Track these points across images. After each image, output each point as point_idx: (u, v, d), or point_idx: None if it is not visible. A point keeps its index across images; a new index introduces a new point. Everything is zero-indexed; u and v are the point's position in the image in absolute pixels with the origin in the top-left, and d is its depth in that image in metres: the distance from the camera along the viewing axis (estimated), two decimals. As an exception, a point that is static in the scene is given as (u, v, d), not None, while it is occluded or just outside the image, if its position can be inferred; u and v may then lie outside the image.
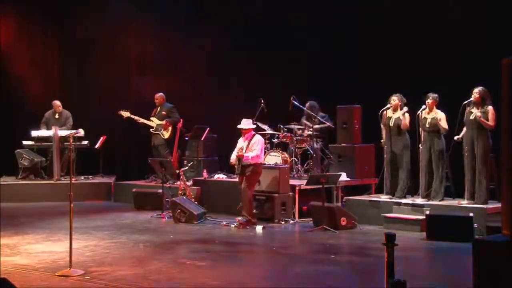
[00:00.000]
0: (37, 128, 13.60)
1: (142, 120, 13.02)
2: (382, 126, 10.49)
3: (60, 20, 15.19)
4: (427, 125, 9.90)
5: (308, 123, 11.98)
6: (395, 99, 10.30)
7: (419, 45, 11.80)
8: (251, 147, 10.11)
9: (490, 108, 9.30)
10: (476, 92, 9.37)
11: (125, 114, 13.03)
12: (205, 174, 11.90)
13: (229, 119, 12.09)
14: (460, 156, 9.62)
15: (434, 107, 9.91)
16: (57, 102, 13.80)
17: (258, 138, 10.29)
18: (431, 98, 9.89)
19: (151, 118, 13.07)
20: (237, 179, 10.47)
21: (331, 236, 9.34)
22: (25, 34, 15.06)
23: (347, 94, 12.12)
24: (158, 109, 13.15)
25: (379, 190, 10.91)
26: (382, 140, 10.58)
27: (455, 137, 9.68)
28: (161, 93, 13.19)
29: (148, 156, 12.41)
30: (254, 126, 10.42)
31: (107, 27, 14.68)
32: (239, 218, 10.18)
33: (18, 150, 13.43)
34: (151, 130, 13.03)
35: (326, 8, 12.89)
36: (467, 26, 11.17)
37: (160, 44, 14.58)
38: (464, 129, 9.59)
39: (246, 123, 10.25)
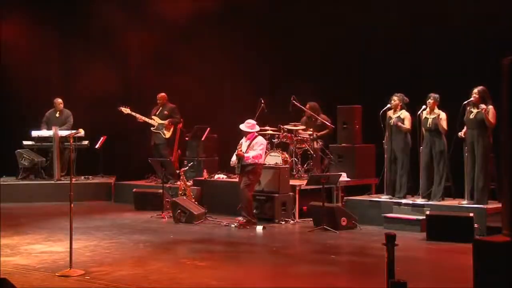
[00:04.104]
0: (37, 128, 13.61)
1: (143, 118, 13.00)
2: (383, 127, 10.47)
3: (61, 19, 15.17)
4: (428, 125, 9.89)
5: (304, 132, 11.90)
6: (395, 99, 10.31)
7: (419, 45, 11.80)
8: (252, 146, 10.11)
9: (490, 107, 9.28)
10: (475, 92, 9.37)
11: (126, 110, 13.02)
12: (205, 174, 11.90)
13: (229, 120, 12.10)
14: (461, 156, 9.61)
15: (436, 107, 9.91)
16: (58, 100, 13.85)
17: (260, 139, 10.29)
18: (432, 98, 9.89)
19: (153, 117, 13.06)
20: (237, 179, 10.47)
21: (331, 236, 9.34)
22: (26, 33, 15.05)
23: (347, 94, 12.12)
24: (160, 108, 13.13)
25: (379, 190, 10.90)
26: (384, 141, 10.53)
27: (459, 134, 9.63)
28: (163, 93, 13.19)
29: (148, 156, 12.41)
30: (255, 129, 10.36)
31: (107, 27, 14.67)
32: (239, 218, 10.18)
33: (18, 150, 13.43)
34: (152, 128, 13.03)
35: (327, 8, 12.89)
36: (467, 25, 11.17)
37: (161, 44, 14.57)
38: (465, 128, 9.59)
39: (246, 126, 10.24)
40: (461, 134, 9.63)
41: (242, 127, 10.26)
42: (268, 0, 13.78)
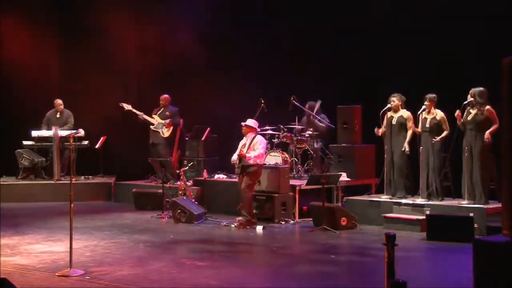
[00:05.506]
0: (38, 128, 13.61)
1: (143, 115, 13.00)
2: (383, 127, 10.44)
3: (61, 19, 15.17)
4: (426, 126, 9.89)
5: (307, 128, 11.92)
6: (394, 100, 10.29)
7: (419, 45, 11.80)
8: (252, 146, 10.11)
9: (487, 107, 9.28)
10: (472, 93, 9.38)
11: (127, 106, 13.03)
12: (205, 174, 11.89)
13: (229, 119, 12.10)
14: (460, 156, 9.61)
15: (433, 107, 9.91)
16: (58, 101, 13.85)
17: (260, 138, 10.29)
18: (428, 100, 9.89)
19: (153, 116, 13.05)
20: (237, 179, 10.46)
21: (331, 236, 9.34)
22: (26, 33, 15.05)
23: (347, 94, 12.12)
24: (162, 109, 13.12)
25: (379, 190, 10.90)
26: (386, 146, 10.46)
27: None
28: (167, 95, 13.18)
29: (148, 156, 12.41)
30: (257, 127, 10.37)
31: (108, 26, 14.66)
32: (239, 218, 10.18)
33: (18, 150, 13.44)
34: (151, 127, 13.02)
35: (328, 8, 12.89)
36: (467, 25, 11.17)
37: (160, 44, 14.57)
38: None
39: (250, 122, 10.26)
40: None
41: (249, 122, 10.23)
42: (268, 1, 13.79)
